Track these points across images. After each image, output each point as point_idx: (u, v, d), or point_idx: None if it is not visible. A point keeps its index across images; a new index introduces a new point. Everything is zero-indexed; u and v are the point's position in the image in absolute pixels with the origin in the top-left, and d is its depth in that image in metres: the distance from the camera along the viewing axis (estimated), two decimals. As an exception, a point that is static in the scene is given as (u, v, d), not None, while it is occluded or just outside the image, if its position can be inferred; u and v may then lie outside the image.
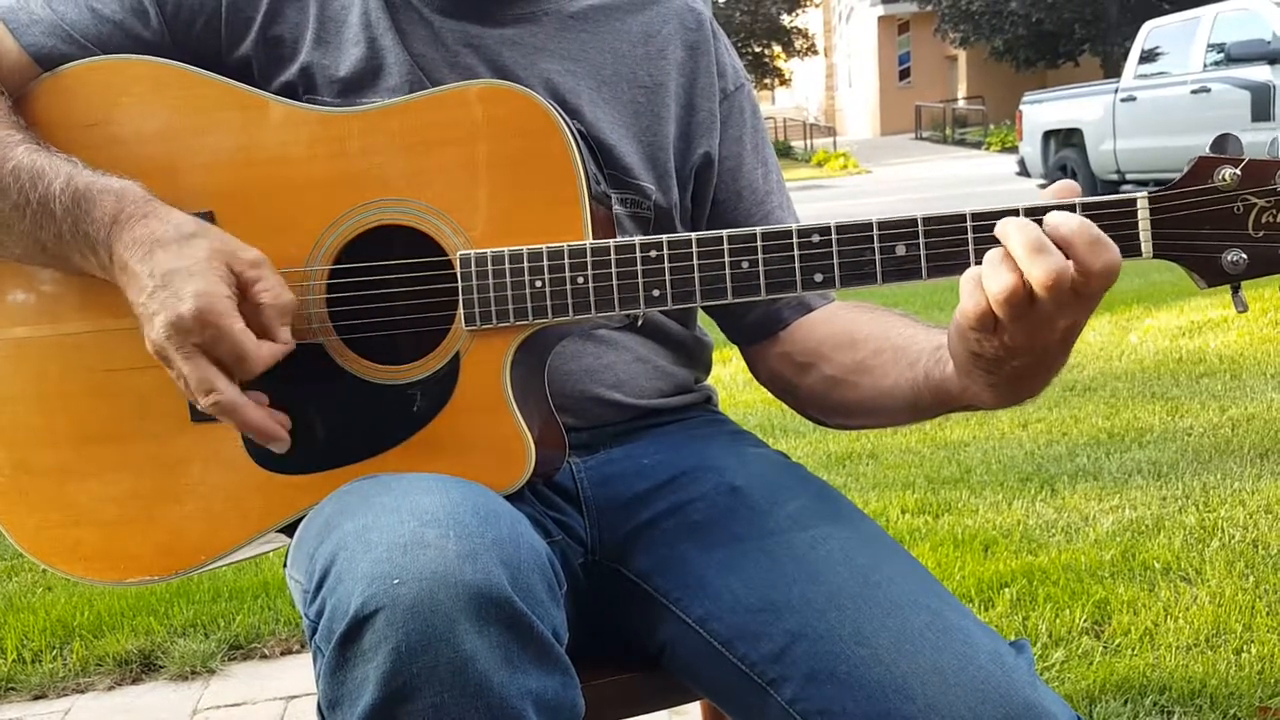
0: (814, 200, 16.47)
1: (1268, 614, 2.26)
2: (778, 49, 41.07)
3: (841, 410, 1.20)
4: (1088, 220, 0.87)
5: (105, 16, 1.13)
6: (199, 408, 0.98)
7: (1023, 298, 0.86)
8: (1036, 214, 0.90)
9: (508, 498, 0.96)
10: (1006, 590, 2.46)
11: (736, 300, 0.98)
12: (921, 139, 33.48)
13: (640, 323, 1.19)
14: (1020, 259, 0.86)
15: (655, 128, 1.20)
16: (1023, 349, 0.90)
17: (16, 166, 1.03)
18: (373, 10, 1.16)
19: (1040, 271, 0.84)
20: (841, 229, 0.96)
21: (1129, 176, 10.95)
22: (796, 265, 0.97)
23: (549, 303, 1.00)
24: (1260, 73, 9.38)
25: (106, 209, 1.01)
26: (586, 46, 1.19)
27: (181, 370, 0.97)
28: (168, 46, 1.14)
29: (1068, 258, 0.86)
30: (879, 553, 1.03)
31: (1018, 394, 0.97)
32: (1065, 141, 11.90)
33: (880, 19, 38.00)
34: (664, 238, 0.99)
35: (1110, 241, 0.86)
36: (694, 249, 0.98)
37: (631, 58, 1.21)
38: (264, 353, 0.97)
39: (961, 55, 34.64)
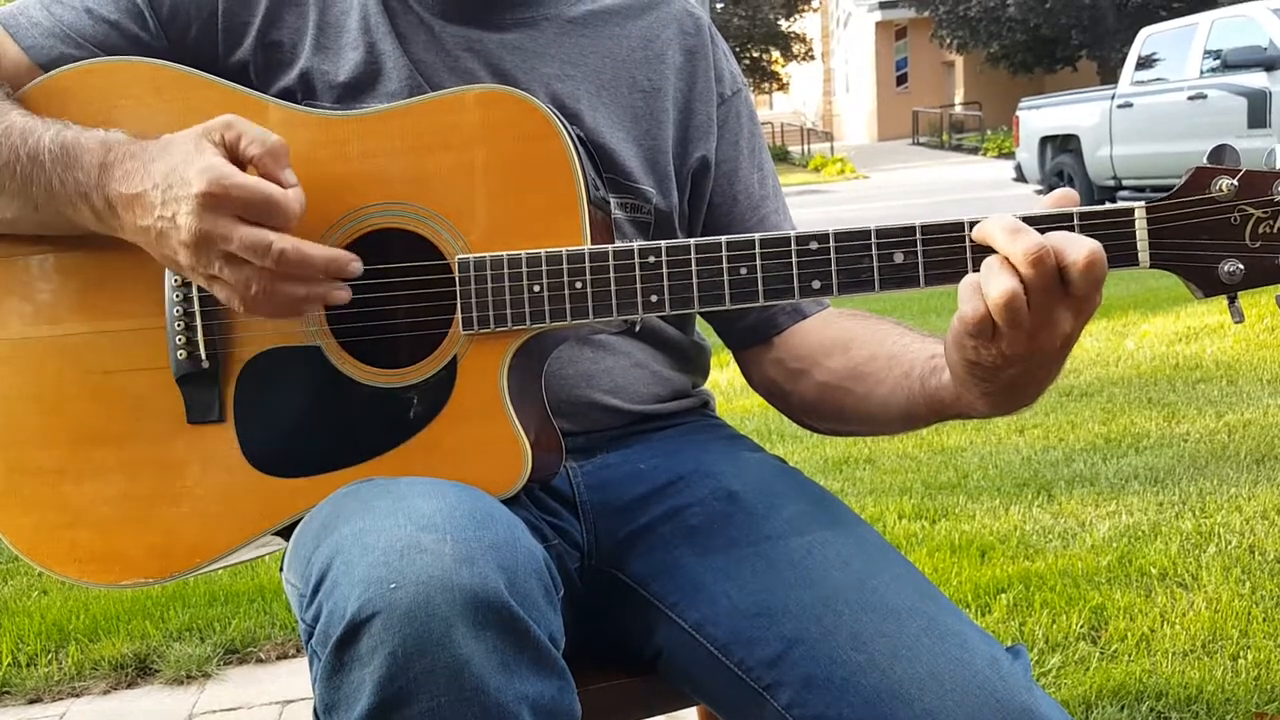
0: (811, 205, 16.48)
1: (1264, 620, 2.26)
2: (775, 54, 41.12)
3: (834, 416, 1.20)
4: (1062, 231, 0.88)
5: (103, 18, 1.13)
6: (269, 268, 0.94)
7: (1022, 301, 0.86)
8: (1034, 222, 0.91)
9: (504, 502, 0.96)
10: (1003, 596, 2.46)
11: (734, 306, 0.98)
12: (919, 144, 33.52)
13: (638, 328, 1.19)
14: (1000, 243, 0.87)
15: (654, 131, 1.20)
16: (1020, 357, 0.90)
17: (9, 126, 1.04)
18: (372, 15, 1.16)
19: (1021, 247, 0.86)
20: (840, 236, 0.96)
21: (1125, 182, 10.98)
22: (794, 272, 0.97)
23: (547, 308, 1.00)
24: (1257, 79, 9.41)
25: (94, 155, 1.01)
26: (586, 51, 1.20)
27: (226, 250, 0.94)
28: (165, 51, 1.14)
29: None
30: (875, 558, 1.03)
31: (1013, 403, 0.97)
32: (1062, 147, 11.92)
33: (878, 24, 38.05)
34: (662, 243, 0.99)
35: (1084, 237, 0.87)
36: (692, 255, 0.98)
37: (631, 62, 1.21)
38: (292, 195, 0.95)
39: (959, 61, 34.70)
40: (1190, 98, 10.11)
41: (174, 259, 0.97)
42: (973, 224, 0.93)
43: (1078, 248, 0.86)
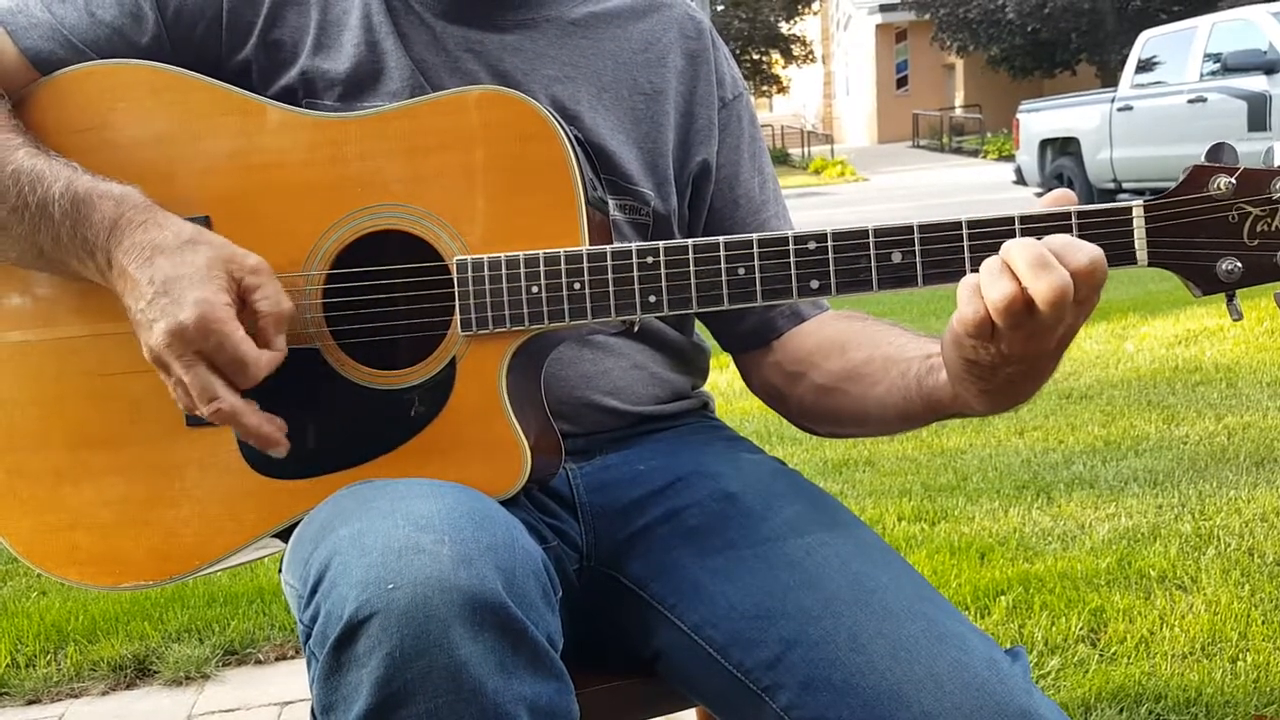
0: (811, 207, 16.48)
1: (1263, 623, 2.26)
2: (776, 56, 41.15)
3: (831, 419, 1.20)
4: (1062, 236, 0.88)
5: (104, 21, 1.13)
6: (202, 414, 0.99)
7: (1022, 306, 0.86)
8: (1032, 222, 0.91)
9: (503, 503, 0.96)
10: (1002, 598, 2.46)
11: (733, 307, 0.98)
12: (919, 147, 33.52)
13: (636, 328, 1.19)
14: (1024, 276, 0.86)
15: (655, 134, 1.20)
16: (1018, 357, 0.90)
17: (16, 170, 1.03)
18: (374, 14, 1.16)
19: (1044, 286, 0.85)
20: (838, 236, 0.96)
21: (1125, 185, 10.98)
22: (793, 272, 0.97)
23: (545, 308, 1.00)
24: (1257, 83, 9.41)
25: (106, 214, 1.01)
26: (587, 53, 1.20)
27: (181, 378, 0.97)
28: (166, 51, 1.14)
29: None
30: (875, 560, 1.03)
31: (1010, 400, 0.97)
32: (1062, 150, 11.92)
33: (878, 27, 38.06)
34: (660, 244, 0.99)
35: (1085, 243, 0.87)
36: (690, 255, 0.98)
37: (632, 65, 1.21)
38: (264, 360, 0.97)
39: (959, 64, 34.73)
40: (1190, 101, 10.11)
41: (140, 346, 0.99)
42: (970, 223, 0.93)
43: (1080, 256, 0.86)
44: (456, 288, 1.01)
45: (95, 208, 1.01)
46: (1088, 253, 0.86)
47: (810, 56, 42.63)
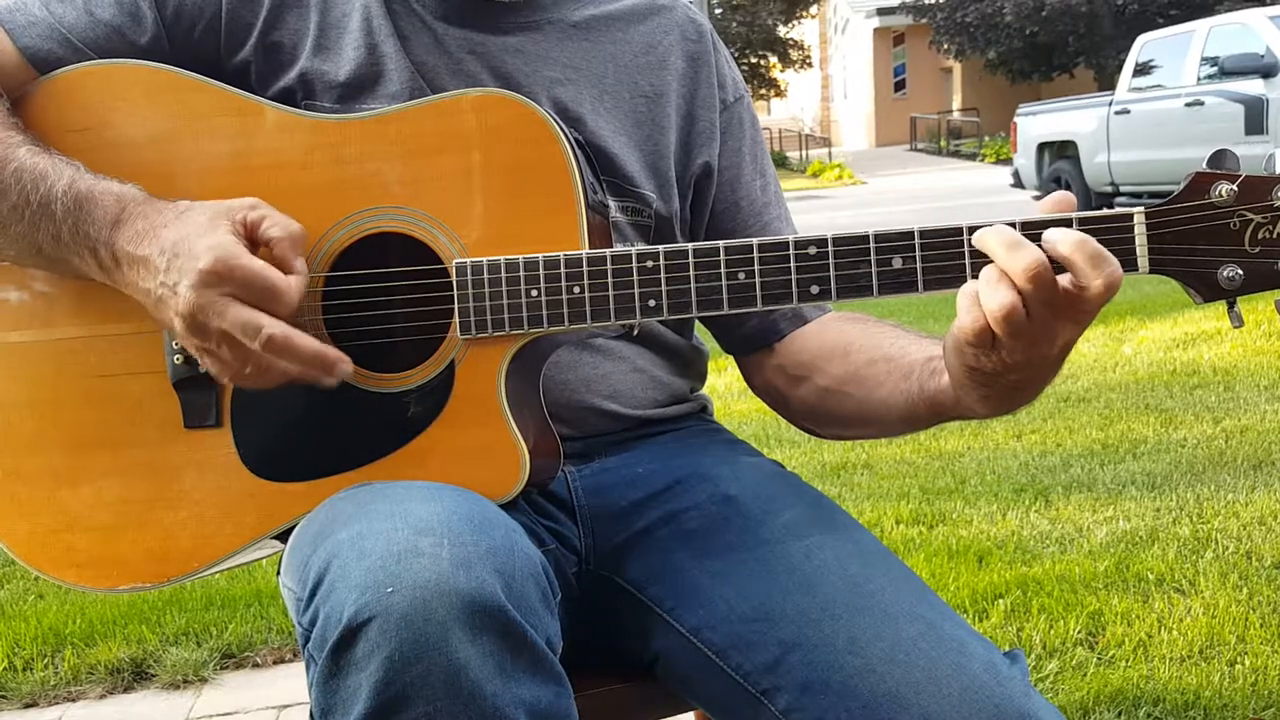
0: (809, 211, 16.49)
1: (1261, 626, 2.26)
2: (774, 60, 41.19)
3: (834, 421, 1.20)
4: (1087, 235, 0.88)
5: (103, 21, 1.13)
6: (251, 362, 0.95)
7: (1021, 315, 0.86)
8: (1032, 228, 0.91)
9: (502, 506, 0.96)
10: (1001, 601, 2.46)
11: (733, 311, 0.98)
12: (916, 150, 33.53)
13: (636, 332, 1.19)
14: (999, 257, 0.87)
15: (656, 137, 1.21)
16: (1020, 364, 0.90)
17: (19, 168, 1.03)
18: (374, 17, 1.16)
19: (1019, 264, 0.85)
20: (838, 241, 0.96)
21: (1123, 189, 10.99)
22: (793, 277, 0.97)
23: (545, 312, 1.00)
24: (1254, 86, 9.42)
25: (108, 209, 1.01)
26: (589, 56, 1.20)
27: (220, 327, 0.94)
28: (165, 51, 1.14)
29: (1062, 270, 0.86)
30: (873, 563, 1.03)
31: (1011, 404, 0.97)
32: (1060, 153, 11.93)
33: (875, 31, 38.08)
34: (660, 248, 0.99)
35: (1111, 256, 0.87)
36: (690, 260, 0.98)
37: (633, 67, 1.21)
38: (294, 284, 0.96)
39: (956, 67, 34.75)
40: (1188, 104, 10.12)
41: (171, 325, 0.98)
42: (971, 229, 0.93)
43: (1099, 277, 0.85)
44: (456, 291, 1.01)
45: (98, 204, 1.01)
46: (1106, 276, 0.86)
47: (808, 60, 42.69)
